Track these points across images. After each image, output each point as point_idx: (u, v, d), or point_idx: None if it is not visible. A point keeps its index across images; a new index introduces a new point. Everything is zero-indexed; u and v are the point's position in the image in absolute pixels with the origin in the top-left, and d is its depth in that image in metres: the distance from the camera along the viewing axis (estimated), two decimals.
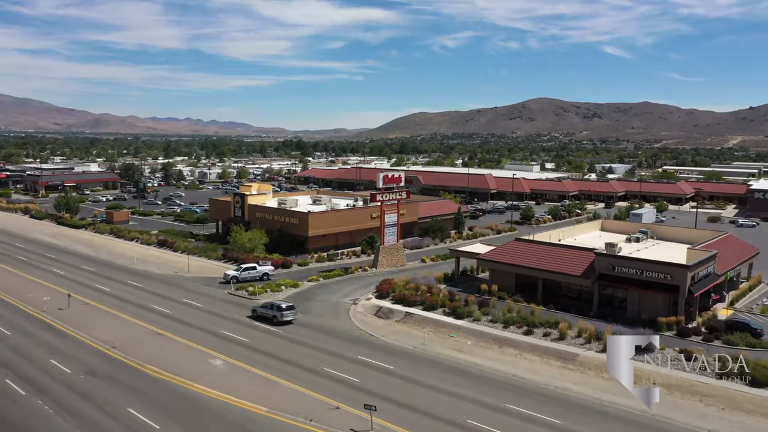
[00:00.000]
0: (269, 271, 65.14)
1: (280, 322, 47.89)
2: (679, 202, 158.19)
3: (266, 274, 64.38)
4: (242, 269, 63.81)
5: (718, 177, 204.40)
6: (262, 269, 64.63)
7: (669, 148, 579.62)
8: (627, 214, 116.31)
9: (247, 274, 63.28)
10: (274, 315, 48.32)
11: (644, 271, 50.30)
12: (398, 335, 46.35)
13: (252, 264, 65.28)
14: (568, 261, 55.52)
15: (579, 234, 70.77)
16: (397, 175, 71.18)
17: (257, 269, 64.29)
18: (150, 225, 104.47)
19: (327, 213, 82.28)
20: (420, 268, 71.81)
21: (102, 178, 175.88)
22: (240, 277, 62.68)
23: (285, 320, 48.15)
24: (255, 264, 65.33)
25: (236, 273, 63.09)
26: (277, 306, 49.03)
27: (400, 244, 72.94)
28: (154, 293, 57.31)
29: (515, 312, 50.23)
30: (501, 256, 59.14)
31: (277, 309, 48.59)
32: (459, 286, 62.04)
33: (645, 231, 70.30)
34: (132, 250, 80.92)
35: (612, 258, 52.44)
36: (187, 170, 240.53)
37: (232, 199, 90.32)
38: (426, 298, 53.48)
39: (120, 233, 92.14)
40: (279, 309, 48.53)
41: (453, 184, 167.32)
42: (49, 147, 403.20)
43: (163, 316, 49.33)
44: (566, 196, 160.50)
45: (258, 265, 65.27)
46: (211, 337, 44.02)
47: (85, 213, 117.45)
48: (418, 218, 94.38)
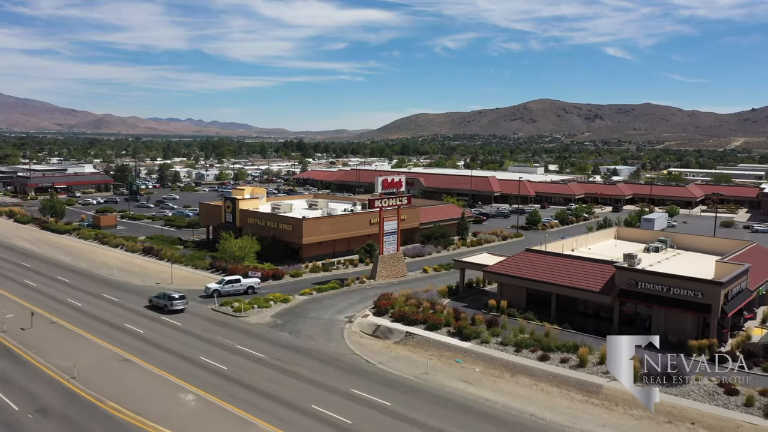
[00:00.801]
0: (254, 284, 59.94)
1: (170, 311, 51.10)
2: (689, 205, 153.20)
3: (251, 287, 59.25)
4: (225, 282, 58.62)
5: (727, 179, 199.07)
6: (247, 282, 59.49)
7: (671, 150, 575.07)
8: (638, 219, 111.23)
9: (230, 288, 58.09)
10: (165, 304, 51.49)
11: (671, 287, 45.16)
12: (398, 361, 41.21)
13: (236, 276, 60.18)
14: (585, 275, 50.45)
15: (593, 243, 65.72)
16: (398, 179, 66.06)
17: (241, 282, 59.12)
18: (139, 230, 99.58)
19: (323, 219, 77.24)
20: (421, 279, 66.78)
21: (94, 180, 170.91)
22: (222, 291, 57.51)
23: (175, 309, 51.37)
24: (239, 276, 60.23)
25: (218, 286, 57.93)
26: (168, 296, 52.12)
27: (400, 254, 67.86)
28: (131, 309, 52.21)
29: (528, 333, 45.19)
30: (510, 268, 54.05)
31: (168, 299, 51.78)
32: (464, 300, 57.03)
33: (664, 240, 65.26)
34: (115, 258, 75.91)
35: (635, 272, 47.34)
36: (184, 171, 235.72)
37: (223, 204, 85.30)
38: (428, 316, 48.41)
39: (105, 239, 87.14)
40: (170, 299, 51.75)
41: (455, 187, 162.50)
42: (47, 147, 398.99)
43: (135, 337, 44.24)
44: (572, 199, 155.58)
45: (243, 278, 60.22)
46: (185, 365, 38.91)
47: (73, 216, 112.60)
48: (419, 224, 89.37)
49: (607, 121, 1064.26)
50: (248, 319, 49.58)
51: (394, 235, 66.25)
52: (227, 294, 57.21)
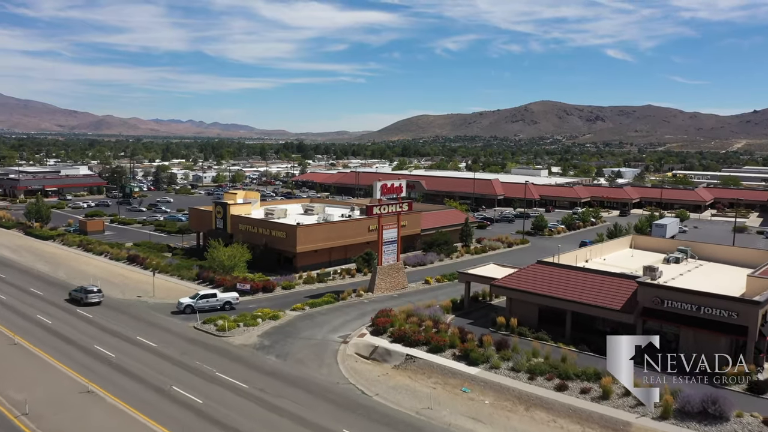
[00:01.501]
0: (232, 299, 54.95)
1: (86, 303, 54.36)
2: (699, 209, 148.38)
3: (228, 302, 54.30)
4: (199, 297, 53.83)
5: (735, 182, 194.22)
6: (223, 297, 54.60)
7: (673, 152, 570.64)
8: (648, 225, 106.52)
9: (204, 303, 53.25)
10: (81, 297, 54.81)
11: (702, 306, 40.61)
12: (397, 392, 36.56)
13: (212, 291, 55.37)
14: (604, 291, 45.87)
15: (608, 253, 61.18)
16: (398, 184, 61.40)
17: (217, 297, 54.24)
18: (127, 236, 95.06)
19: (318, 226, 72.66)
20: (423, 291, 62.18)
21: (86, 182, 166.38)
22: (196, 306, 52.71)
23: (90, 302, 54.54)
24: (215, 291, 55.45)
25: (191, 301, 53.21)
26: (84, 289, 55.59)
27: (400, 264, 63.23)
28: (104, 328, 47.57)
29: (542, 356, 40.61)
30: (521, 282, 49.46)
31: (84, 292, 55.27)
32: (470, 316, 52.49)
33: (684, 250, 60.62)
34: (97, 267, 71.37)
35: (661, 289, 42.75)
36: (182, 173, 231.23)
37: (213, 209, 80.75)
38: (431, 336, 43.81)
39: (89, 246, 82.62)
40: (85, 292, 55.22)
41: (457, 190, 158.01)
42: (45, 149, 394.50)
43: (102, 363, 39.61)
44: (578, 203, 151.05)
45: (223, 291, 55.50)
46: (156, 398, 34.25)
47: (61, 221, 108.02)
48: (421, 230, 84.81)
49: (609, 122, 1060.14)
50: (232, 339, 44.97)
51: (393, 244, 61.63)
52: (201, 310, 52.41)
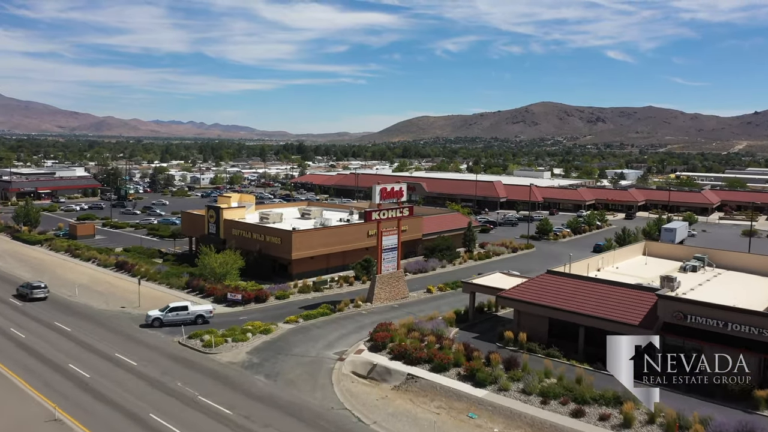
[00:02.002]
0: (205, 312, 50.79)
1: (31, 299, 56.37)
2: (705, 212, 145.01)
3: (201, 316, 50.20)
4: (168, 309, 50.05)
5: (741, 184, 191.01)
6: (195, 310, 50.54)
7: (674, 153, 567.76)
8: (657, 229, 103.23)
9: (174, 317, 49.46)
10: (27, 292, 56.98)
11: (730, 322, 37.33)
12: (396, 420, 33.22)
13: (182, 303, 51.38)
14: (620, 304, 42.56)
15: (620, 260, 57.90)
16: (398, 187, 58.07)
17: (188, 311, 50.19)
18: (118, 240, 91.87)
19: (315, 231, 69.37)
20: (425, 301, 58.89)
21: (81, 184, 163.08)
22: (164, 320, 49.17)
23: (36, 297, 56.69)
24: (186, 303, 51.38)
25: (160, 314, 49.60)
26: (30, 285, 58.03)
27: (400, 272, 59.89)
28: (82, 343, 44.22)
29: (555, 377, 37.33)
30: (530, 294, 46.17)
31: (29, 288, 57.55)
32: (475, 329, 49.21)
33: (701, 257, 57.33)
34: (83, 274, 68.13)
35: (683, 303, 39.45)
36: (179, 175, 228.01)
37: (206, 213, 77.47)
38: (434, 354, 40.52)
39: (77, 251, 79.33)
40: (30, 287, 57.53)
41: (459, 192, 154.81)
42: (43, 150, 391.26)
43: (75, 385, 36.28)
44: (582, 205, 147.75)
45: (192, 305, 51.45)
46: (131, 428, 30.97)
47: (52, 224, 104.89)
48: (422, 235, 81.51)
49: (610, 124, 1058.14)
50: (219, 356, 41.64)
51: (393, 252, 58.31)
52: (170, 323, 48.82)
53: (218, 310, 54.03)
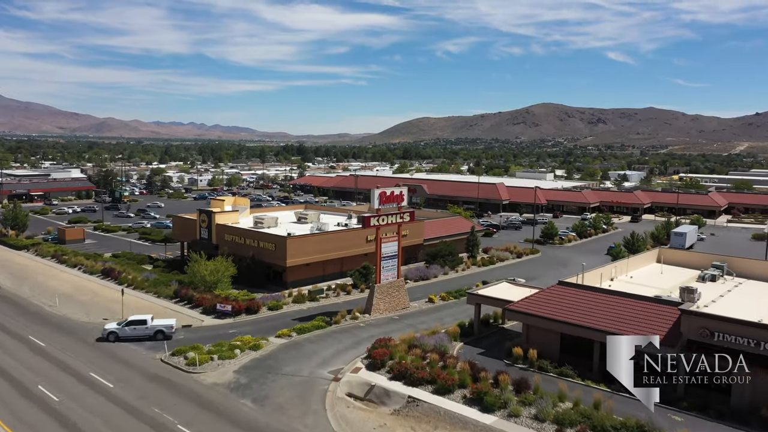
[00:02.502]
0: (166, 328, 46.24)
1: None
2: (713, 215, 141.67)
3: (161, 331, 45.87)
4: (126, 323, 46.18)
5: (748, 186, 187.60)
6: (155, 325, 46.24)
7: (675, 154, 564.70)
8: (665, 233, 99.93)
9: (131, 331, 45.64)
10: None
11: (762, 341, 33.98)
12: None
13: (142, 317, 46.86)
14: (639, 318, 39.21)
15: (633, 269, 54.55)
16: (398, 191, 54.70)
17: (147, 325, 45.95)
18: (109, 244, 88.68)
19: (311, 237, 66.02)
20: (426, 312, 55.54)
21: (74, 186, 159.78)
22: (120, 334, 45.56)
23: None
24: (146, 317, 46.82)
25: (117, 328, 45.97)
26: None
27: (400, 281, 56.50)
28: (55, 361, 40.83)
29: (571, 400, 34.00)
30: (540, 307, 42.82)
31: None
32: (481, 343, 45.90)
33: (720, 266, 54.02)
34: (67, 281, 64.82)
35: (709, 319, 36.06)
36: (177, 176, 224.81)
37: (198, 218, 74.17)
38: (438, 374, 37.17)
39: (64, 257, 76.04)
40: None
41: (461, 194, 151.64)
42: (42, 151, 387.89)
43: (41, 409, 32.90)
44: (587, 208, 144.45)
45: (151, 319, 46.87)
46: None
47: (42, 228, 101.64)
48: (423, 240, 78.20)
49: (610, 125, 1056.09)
50: (204, 376, 38.25)
51: (393, 259, 54.94)
52: (127, 338, 45.25)
53: (207, 322, 50.77)
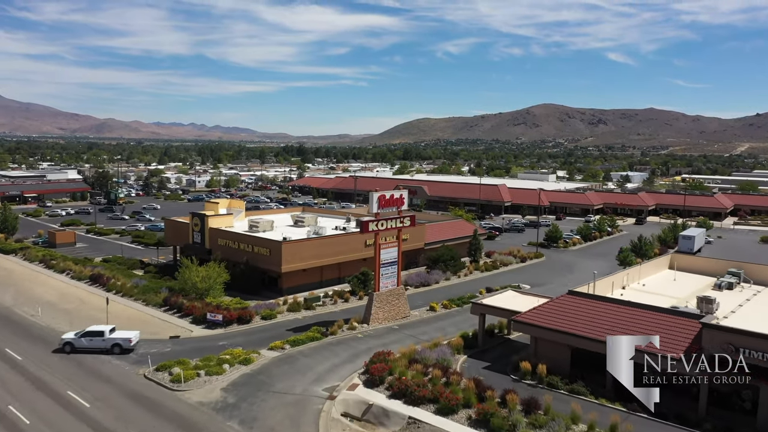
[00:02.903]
0: (122, 341, 42.71)
1: None
2: (719, 217, 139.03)
3: (118, 345, 42.59)
4: (83, 333, 43.39)
5: (754, 188, 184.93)
6: (114, 337, 42.85)
7: (677, 155, 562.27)
8: (673, 236, 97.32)
9: (87, 342, 42.78)
10: None
11: None
12: None
13: (100, 327, 43.83)
14: (656, 332, 36.52)
15: (645, 276, 52.00)
16: (398, 195, 52.03)
17: (104, 337, 42.78)
18: (101, 248, 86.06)
19: (307, 242, 63.39)
20: (428, 321, 52.89)
21: (70, 188, 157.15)
22: (76, 345, 42.83)
23: None
24: (103, 328, 43.61)
25: (73, 338, 43.30)
26: None
27: (401, 289, 53.83)
28: (31, 377, 38.11)
29: (585, 423, 31.39)
30: (549, 319, 40.17)
31: None
32: (485, 356, 43.28)
33: (737, 273, 51.51)
34: (53, 288, 62.18)
35: (734, 334, 33.41)
36: (175, 178, 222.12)
37: (191, 221, 71.53)
38: (440, 392, 34.53)
39: (52, 262, 73.35)
40: None
41: (462, 196, 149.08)
42: (40, 152, 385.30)
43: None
44: (590, 209, 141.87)
45: (109, 331, 43.39)
46: None
47: (32, 230, 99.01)
48: (424, 244, 75.53)
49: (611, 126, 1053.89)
50: (189, 394, 35.58)
51: (393, 266, 52.28)
52: (83, 350, 42.53)
53: (196, 333, 48.12)
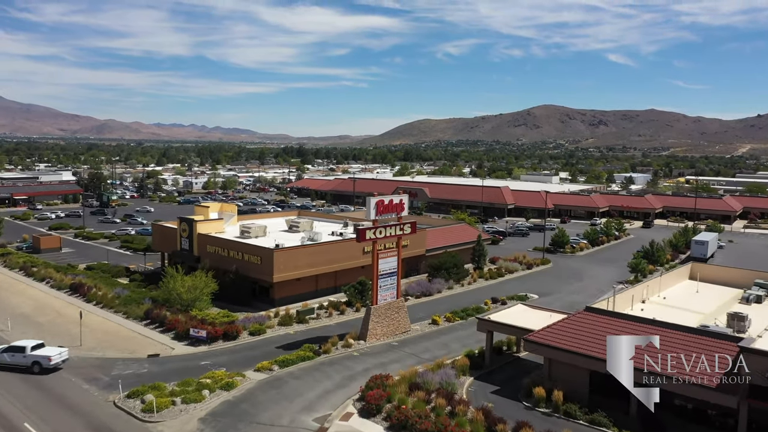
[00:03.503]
0: (42, 359, 38.78)
1: None
2: (728, 220, 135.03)
3: (37, 363, 38.77)
4: (4, 349, 40.07)
5: (762, 190, 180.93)
6: (34, 355, 39.04)
7: (678, 156, 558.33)
8: (684, 241, 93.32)
9: (9, 358, 39.26)
10: None
11: None
12: None
13: (21, 343, 40.32)
14: (687, 356, 32.61)
15: (665, 288, 48.09)
16: (398, 200, 48.07)
17: (25, 354, 39.09)
18: (87, 254, 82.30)
19: (301, 249, 59.42)
20: (430, 336, 48.94)
21: (62, 189, 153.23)
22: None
23: None
24: (24, 344, 39.95)
25: None
26: None
27: (400, 302, 49.85)
28: None
29: None
30: (565, 338, 36.21)
31: None
32: (494, 378, 39.35)
33: (765, 284, 47.56)
34: (30, 298, 58.28)
35: None
36: (171, 179, 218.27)
37: (178, 227, 67.62)
38: (445, 424, 30.56)
39: (33, 269, 69.50)
40: None
41: (464, 198, 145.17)
42: (38, 153, 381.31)
43: None
44: (596, 212, 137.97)
45: (31, 348, 39.58)
46: None
47: (18, 234, 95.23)
48: (425, 250, 71.65)
49: (612, 127, 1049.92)
50: (161, 426, 31.59)
51: (392, 277, 48.31)
52: (6, 366, 38.93)
53: (177, 351, 44.20)
